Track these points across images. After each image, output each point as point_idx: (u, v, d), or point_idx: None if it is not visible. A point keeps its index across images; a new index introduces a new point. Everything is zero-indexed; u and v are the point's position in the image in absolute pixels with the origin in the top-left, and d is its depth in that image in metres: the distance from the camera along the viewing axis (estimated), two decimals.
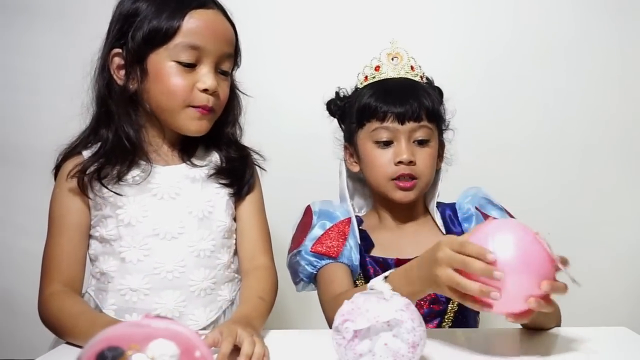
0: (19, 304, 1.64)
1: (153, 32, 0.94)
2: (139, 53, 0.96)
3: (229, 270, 1.05)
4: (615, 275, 1.68)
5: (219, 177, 1.05)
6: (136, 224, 0.98)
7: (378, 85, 1.09)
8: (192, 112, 0.97)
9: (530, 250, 0.72)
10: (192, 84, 0.96)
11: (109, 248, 1.00)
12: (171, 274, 0.98)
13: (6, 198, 1.65)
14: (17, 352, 1.62)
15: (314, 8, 1.64)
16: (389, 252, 1.07)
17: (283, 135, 1.58)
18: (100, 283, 1.01)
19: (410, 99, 1.04)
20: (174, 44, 0.94)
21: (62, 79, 1.60)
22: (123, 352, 0.48)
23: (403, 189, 1.05)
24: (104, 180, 0.97)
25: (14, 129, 1.64)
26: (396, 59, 1.10)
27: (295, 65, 1.64)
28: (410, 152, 1.04)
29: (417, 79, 1.10)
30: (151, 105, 0.98)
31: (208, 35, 0.96)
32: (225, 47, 0.99)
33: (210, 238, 1.02)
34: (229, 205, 1.05)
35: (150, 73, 0.96)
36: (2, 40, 1.64)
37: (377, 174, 1.07)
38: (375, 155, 1.06)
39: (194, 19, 0.95)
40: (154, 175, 1.00)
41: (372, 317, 0.68)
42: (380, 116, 1.04)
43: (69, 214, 0.99)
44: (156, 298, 0.98)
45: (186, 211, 1.01)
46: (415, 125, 1.04)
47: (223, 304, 1.03)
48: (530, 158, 1.66)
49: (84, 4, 1.60)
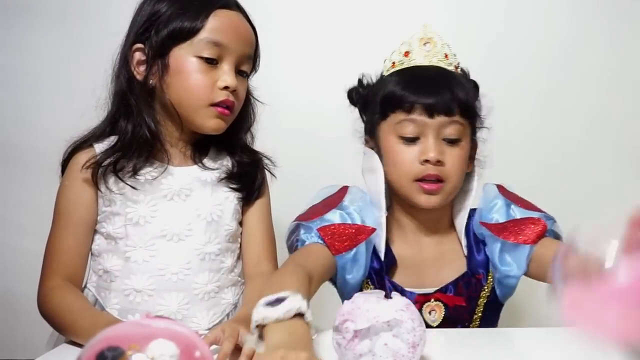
0: (19, 303, 1.64)
1: (178, 27, 0.96)
2: (162, 48, 0.96)
3: (232, 274, 1.05)
4: None
5: (230, 181, 1.05)
6: (144, 223, 0.98)
7: (406, 72, 0.97)
8: (211, 110, 0.98)
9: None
10: (213, 82, 0.97)
11: (113, 246, 0.99)
12: (176, 276, 0.98)
13: (6, 198, 1.65)
14: (17, 352, 1.62)
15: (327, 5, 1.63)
16: (410, 278, 0.97)
17: (290, 138, 1.57)
18: (102, 281, 1.00)
19: (441, 89, 0.92)
20: (198, 39, 0.96)
21: (63, 79, 1.60)
22: (123, 352, 0.48)
23: (428, 192, 0.92)
24: (119, 173, 0.96)
25: (14, 129, 1.64)
26: (429, 44, 0.98)
27: (301, 64, 1.63)
28: (439, 150, 0.91)
29: (451, 69, 0.97)
30: (172, 100, 0.98)
31: (231, 34, 0.97)
32: (246, 48, 1.00)
33: (217, 242, 1.02)
34: (236, 210, 1.05)
35: (172, 68, 0.96)
36: (3, 40, 1.64)
37: (399, 172, 0.95)
38: (399, 152, 0.94)
39: (218, 17, 0.97)
40: (167, 175, 1.00)
41: (372, 317, 0.68)
42: (407, 107, 0.92)
43: (77, 208, 0.99)
44: (160, 300, 0.98)
45: (195, 214, 1.01)
46: (446, 120, 0.91)
47: (226, 307, 1.03)
48: (529, 158, 1.66)
49: (86, 4, 1.60)
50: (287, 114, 1.58)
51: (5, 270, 1.65)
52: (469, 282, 0.96)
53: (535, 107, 1.65)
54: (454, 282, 0.96)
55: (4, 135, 1.65)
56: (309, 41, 1.63)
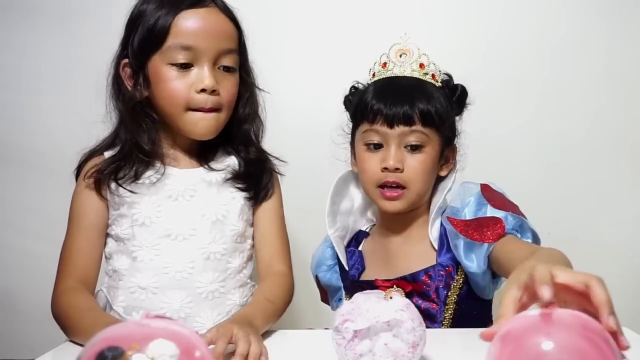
0: (19, 303, 1.64)
1: (147, 36, 0.95)
2: (139, 60, 0.97)
3: (240, 275, 1.05)
4: (615, 275, 1.67)
5: (236, 181, 1.05)
6: (150, 224, 0.99)
7: (380, 83, 1.02)
8: (192, 115, 0.98)
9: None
10: (190, 86, 0.96)
11: (122, 247, 1.01)
12: (180, 274, 0.99)
13: (6, 198, 1.64)
14: (17, 352, 1.62)
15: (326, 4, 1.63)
16: (379, 271, 1.03)
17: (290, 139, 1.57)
18: (112, 280, 1.02)
19: (403, 100, 0.97)
20: (167, 47, 0.95)
21: (64, 79, 1.60)
22: (123, 352, 0.48)
23: (389, 199, 0.99)
24: (120, 180, 0.99)
25: (15, 129, 1.64)
26: (405, 55, 1.02)
27: (301, 65, 1.63)
28: (398, 158, 0.96)
29: (427, 78, 1.02)
30: (158, 111, 1.00)
31: (200, 34, 0.95)
32: (221, 44, 0.97)
33: (222, 241, 1.02)
34: (243, 210, 1.05)
35: (151, 79, 0.97)
36: (3, 40, 1.64)
37: (365, 179, 1.01)
38: (365, 159, 1.00)
39: (183, 19, 0.94)
40: (169, 176, 1.01)
41: (372, 317, 0.68)
42: (370, 118, 0.98)
43: (87, 214, 1.01)
44: (163, 297, 0.98)
45: (199, 214, 1.01)
46: (407, 130, 0.96)
47: (232, 308, 1.03)
48: (530, 158, 1.66)
49: (86, 4, 1.60)
50: (287, 115, 1.58)
51: (5, 271, 1.65)
52: (438, 274, 0.99)
53: (535, 107, 1.65)
54: (422, 271, 0.99)
55: (4, 136, 1.65)
56: (309, 42, 1.63)
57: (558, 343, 0.50)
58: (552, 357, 0.49)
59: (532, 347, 0.50)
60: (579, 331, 0.51)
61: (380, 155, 0.98)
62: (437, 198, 1.04)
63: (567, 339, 0.50)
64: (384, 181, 0.98)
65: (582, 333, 0.51)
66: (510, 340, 0.53)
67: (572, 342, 0.50)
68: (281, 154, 1.11)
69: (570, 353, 0.49)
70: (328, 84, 1.57)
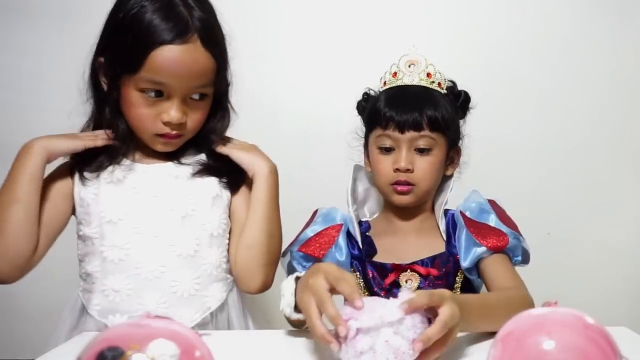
0: (19, 304, 1.64)
1: (121, 57, 0.94)
2: (114, 73, 0.97)
3: (218, 270, 1.04)
4: (615, 275, 1.67)
5: (205, 172, 1.04)
6: (117, 221, 0.99)
7: (392, 91, 1.11)
8: (157, 139, 0.99)
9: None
10: (157, 114, 0.96)
11: (91, 247, 1.00)
12: (152, 274, 0.98)
13: None
14: (17, 352, 1.62)
15: (326, 7, 1.64)
16: (390, 257, 1.09)
17: (285, 136, 1.57)
18: (86, 284, 1.02)
19: (413, 108, 1.05)
20: (139, 76, 0.93)
21: (64, 79, 1.58)
22: (123, 352, 0.48)
23: (400, 193, 1.08)
24: (84, 173, 0.99)
25: (15, 129, 1.64)
26: (413, 65, 1.11)
27: (302, 66, 1.63)
28: (409, 160, 1.06)
29: (433, 86, 1.11)
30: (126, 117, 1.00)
31: (174, 74, 0.93)
32: (192, 82, 0.95)
33: (194, 237, 1.01)
34: (216, 201, 1.04)
35: (122, 94, 0.97)
36: (3, 41, 1.64)
37: (379, 178, 1.10)
38: (379, 160, 1.09)
39: (158, 55, 0.92)
40: (135, 172, 1.01)
41: (378, 316, 0.68)
42: (383, 124, 1.07)
43: (54, 187, 1.01)
44: (138, 299, 0.98)
45: (167, 209, 1.00)
46: (416, 135, 1.05)
47: (211, 304, 1.02)
48: (531, 159, 1.66)
49: (86, 4, 1.60)
50: (287, 116, 1.58)
51: None
52: (447, 260, 1.07)
53: (537, 109, 1.65)
54: (431, 258, 1.07)
55: (4, 136, 1.65)
56: (310, 43, 1.63)
57: (559, 342, 0.50)
58: (553, 357, 0.49)
59: (534, 347, 0.50)
60: (580, 331, 0.51)
61: (393, 158, 1.07)
62: (443, 195, 1.14)
63: (568, 338, 0.51)
64: (396, 180, 1.07)
65: (583, 332, 0.51)
66: (511, 340, 0.53)
67: (573, 341, 0.50)
68: (281, 155, 1.11)
69: (572, 352, 0.49)
70: (329, 88, 1.58)
